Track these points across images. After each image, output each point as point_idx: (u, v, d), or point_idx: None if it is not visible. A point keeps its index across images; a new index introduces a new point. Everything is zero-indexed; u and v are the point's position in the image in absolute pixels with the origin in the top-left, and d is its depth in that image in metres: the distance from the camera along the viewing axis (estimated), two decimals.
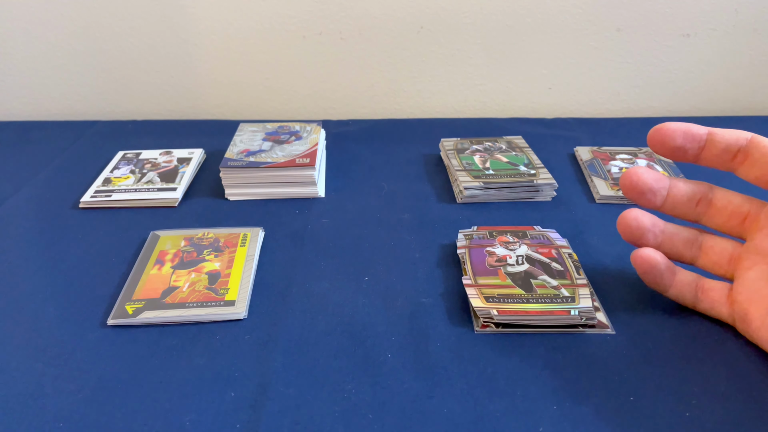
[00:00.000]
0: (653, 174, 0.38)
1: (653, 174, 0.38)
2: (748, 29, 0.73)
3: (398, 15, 0.72)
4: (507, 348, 0.37)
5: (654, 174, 0.38)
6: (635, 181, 0.38)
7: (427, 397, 0.34)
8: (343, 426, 0.32)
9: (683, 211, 0.39)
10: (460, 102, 0.78)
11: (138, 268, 0.45)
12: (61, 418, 0.33)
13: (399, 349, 0.37)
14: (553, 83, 0.77)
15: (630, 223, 0.39)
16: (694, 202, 0.39)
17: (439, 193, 0.57)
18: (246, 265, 0.45)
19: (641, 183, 0.38)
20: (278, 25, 0.73)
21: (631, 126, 0.72)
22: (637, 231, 0.39)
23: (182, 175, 0.58)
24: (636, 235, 0.39)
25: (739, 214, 0.38)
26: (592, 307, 0.39)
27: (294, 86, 0.77)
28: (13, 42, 0.74)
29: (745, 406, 0.33)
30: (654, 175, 0.38)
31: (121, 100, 0.78)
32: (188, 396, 0.34)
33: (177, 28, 0.73)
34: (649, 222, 0.39)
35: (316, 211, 0.54)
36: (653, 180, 0.38)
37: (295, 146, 0.58)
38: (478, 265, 0.43)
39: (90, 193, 0.55)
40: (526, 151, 0.61)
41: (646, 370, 0.35)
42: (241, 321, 0.40)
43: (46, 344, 0.38)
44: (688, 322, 0.39)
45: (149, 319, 0.39)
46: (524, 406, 0.33)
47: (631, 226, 0.39)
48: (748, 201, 0.38)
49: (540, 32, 0.73)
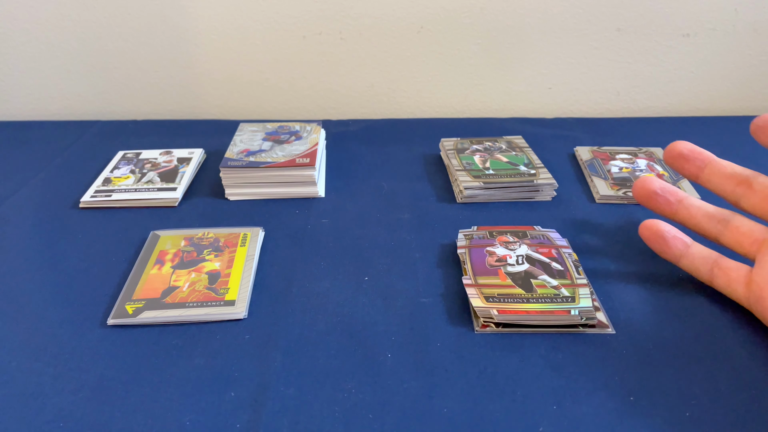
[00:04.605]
0: (692, 145, 0.41)
1: (692, 145, 0.41)
2: (748, 29, 0.73)
3: (398, 15, 0.72)
4: (507, 348, 0.37)
5: (693, 145, 0.42)
6: (672, 147, 0.41)
7: (427, 397, 0.34)
8: (343, 426, 0.32)
9: (722, 187, 0.40)
10: (460, 102, 0.78)
11: (138, 268, 0.45)
12: (61, 418, 0.33)
13: (399, 349, 0.37)
14: (553, 83, 0.77)
15: (641, 183, 0.42)
16: (735, 181, 0.39)
17: (439, 193, 0.57)
18: (246, 265, 0.45)
19: (675, 147, 0.41)
20: (278, 25, 0.73)
21: (631, 126, 0.72)
22: (644, 192, 0.42)
23: (182, 175, 0.58)
24: (644, 196, 0.42)
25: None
26: (592, 307, 0.39)
27: (294, 86, 0.77)
28: (13, 42, 0.74)
29: (745, 406, 0.33)
30: (692, 146, 0.41)
31: (121, 100, 0.78)
32: (188, 396, 0.34)
33: (177, 28, 0.73)
34: (660, 186, 0.41)
35: (316, 211, 0.54)
36: (689, 148, 0.41)
37: (295, 146, 0.58)
38: (478, 265, 0.43)
39: (90, 193, 0.55)
40: (526, 151, 0.61)
41: (646, 370, 0.35)
42: (241, 321, 0.40)
43: (46, 344, 0.38)
44: (689, 322, 0.39)
45: (149, 319, 0.39)
46: (524, 406, 0.33)
47: (641, 186, 0.42)
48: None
49: (540, 32, 0.73)
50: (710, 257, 0.39)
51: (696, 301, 0.41)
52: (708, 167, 0.41)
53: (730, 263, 0.39)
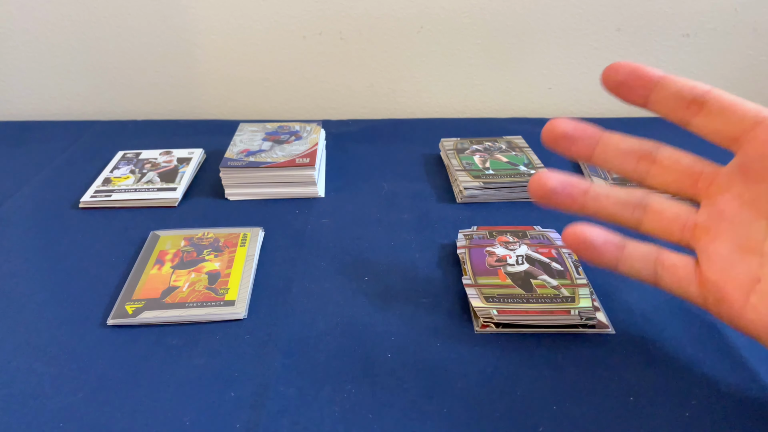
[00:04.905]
0: (575, 121, 0.33)
1: (575, 121, 0.33)
2: (748, 29, 0.73)
3: (398, 15, 0.72)
4: (507, 348, 0.37)
5: (577, 121, 0.33)
6: (552, 127, 0.33)
7: (427, 397, 0.34)
8: (343, 426, 0.32)
9: (621, 166, 0.34)
10: (460, 102, 0.78)
11: (138, 268, 0.45)
12: (61, 418, 0.33)
13: (399, 349, 0.37)
14: (553, 83, 0.77)
15: (536, 181, 0.34)
16: (635, 157, 0.33)
17: (439, 193, 0.57)
18: (246, 265, 0.45)
19: (556, 126, 0.33)
20: (278, 25, 0.73)
21: (631, 126, 0.72)
22: (540, 191, 0.34)
23: (182, 175, 0.58)
24: (542, 197, 0.34)
25: (690, 173, 0.32)
26: (592, 307, 0.39)
27: (294, 86, 0.77)
28: (13, 42, 0.74)
29: (745, 406, 0.33)
30: (576, 121, 0.33)
31: (121, 100, 0.78)
32: (188, 396, 0.34)
33: (177, 27, 0.73)
34: (558, 181, 0.33)
35: (316, 211, 0.54)
36: (572, 126, 0.33)
37: (295, 146, 0.58)
38: (478, 265, 0.43)
39: (90, 193, 0.55)
40: (526, 151, 0.61)
41: (646, 370, 0.35)
42: (241, 321, 0.40)
43: (46, 344, 0.38)
44: (689, 322, 0.39)
45: (149, 319, 0.39)
46: (524, 406, 0.33)
47: (537, 184, 0.33)
48: (699, 161, 0.33)
49: (540, 32, 0.73)
50: (650, 255, 0.33)
51: None
52: (600, 145, 0.34)
53: (674, 258, 0.33)
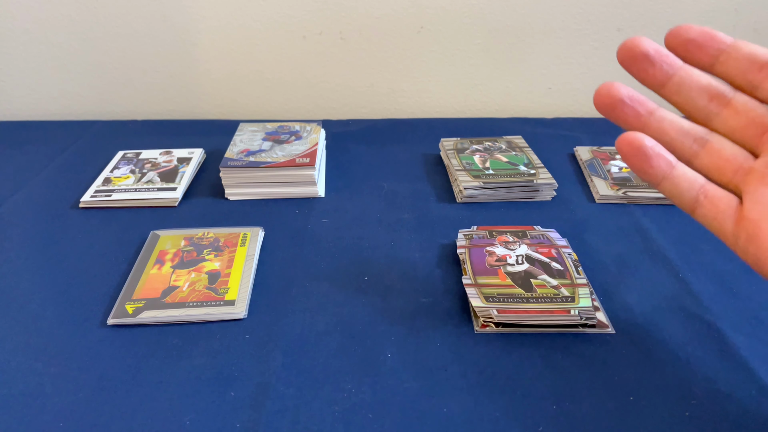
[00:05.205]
0: (657, 45, 0.33)
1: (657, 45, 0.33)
2: (748, 29, 0.73)
3: (398, 15, 0.72)
4: (507, 348, 0.37)
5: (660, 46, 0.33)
6: (631, 45, 0.33)
7: (427, 397, 0.34)
8: (343, 426, 0.32)
9: (692, 102, 0.33)
10: (460, 102, 0.78)
11: (138, 267, 0.45)
12: (61, 418, 0.33)
13: (399, 349, 0.37)
14: (553, 83, 0.77)
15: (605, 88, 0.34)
16: (708, 95, 0.33)
17: (439, 193, 0.57)
18: (246, 264, 0.45)
19: (638, 46, 0.33)
20: (278, 25, 0.73)
21: None
22: (608, 99, 0.34)
23: (182, 174, 0.58)
24: (608, 105, 0.34)
25: (760, 123, 0.32)
26: (592, 307, 0.39)
27: (294, 86, 0.77)
28: (13, 42, 0.74)
29: (745, 406, 0.33)
30: (659, 46, 0.33)
31: (121, 100, 0.78)
32: (188, 396, 0.34)
33: (177, 27, 0.73)
34: (628, 93, 0.34)
35: (316, 211, 0.54)
36: (654, 48, 0.32)
37: (295, 146, 0.58)
38: (478, 265, 0.43)
39: (90, 193, 0.55)
40: (526, 151, 0.61)
41: (646, 370, 0.35)
42: (241, 321, 0.40)
43: (46, 344, 0.38)
44: (689, 322, 0.39)
45: (149, 319, 0.39)
46: (524, 406, 0.33)
47: (606, 92, 0.34)
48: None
49: (540, 32, 0.73)
50: (696, 181, 0.33)
51: (696, 301, 0.41)
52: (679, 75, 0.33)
53: (720, 192, 0.33)
